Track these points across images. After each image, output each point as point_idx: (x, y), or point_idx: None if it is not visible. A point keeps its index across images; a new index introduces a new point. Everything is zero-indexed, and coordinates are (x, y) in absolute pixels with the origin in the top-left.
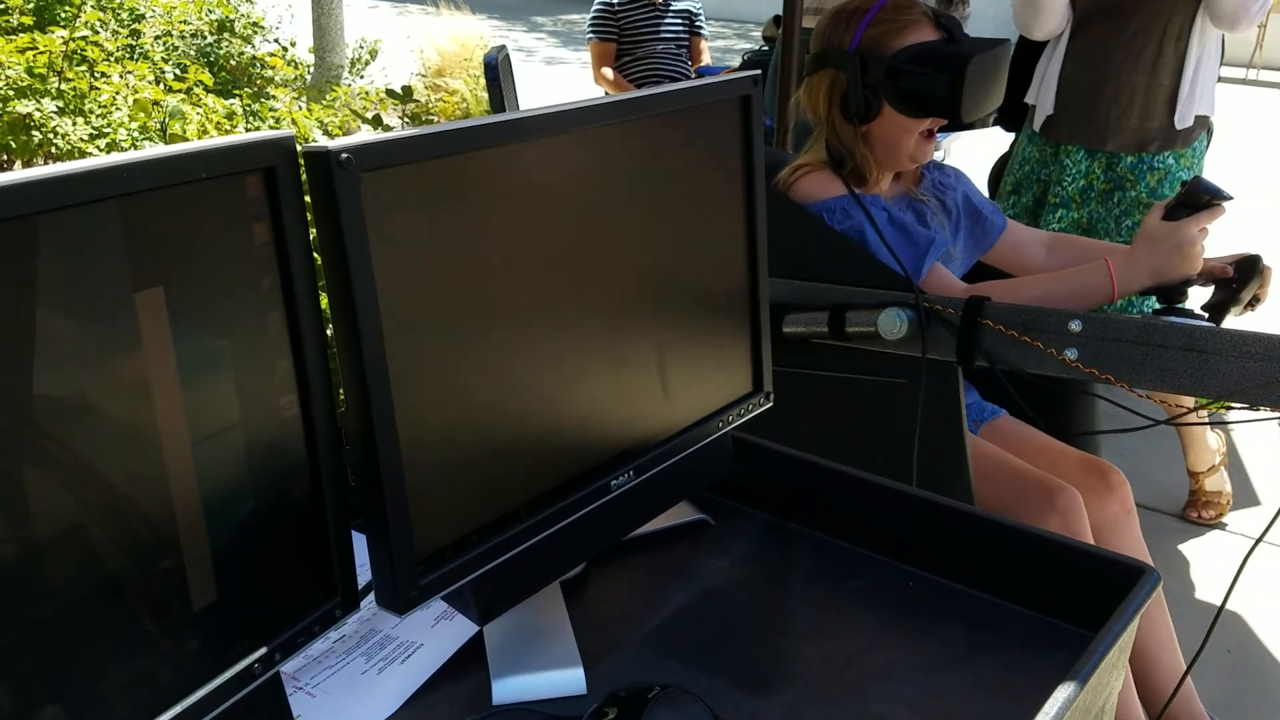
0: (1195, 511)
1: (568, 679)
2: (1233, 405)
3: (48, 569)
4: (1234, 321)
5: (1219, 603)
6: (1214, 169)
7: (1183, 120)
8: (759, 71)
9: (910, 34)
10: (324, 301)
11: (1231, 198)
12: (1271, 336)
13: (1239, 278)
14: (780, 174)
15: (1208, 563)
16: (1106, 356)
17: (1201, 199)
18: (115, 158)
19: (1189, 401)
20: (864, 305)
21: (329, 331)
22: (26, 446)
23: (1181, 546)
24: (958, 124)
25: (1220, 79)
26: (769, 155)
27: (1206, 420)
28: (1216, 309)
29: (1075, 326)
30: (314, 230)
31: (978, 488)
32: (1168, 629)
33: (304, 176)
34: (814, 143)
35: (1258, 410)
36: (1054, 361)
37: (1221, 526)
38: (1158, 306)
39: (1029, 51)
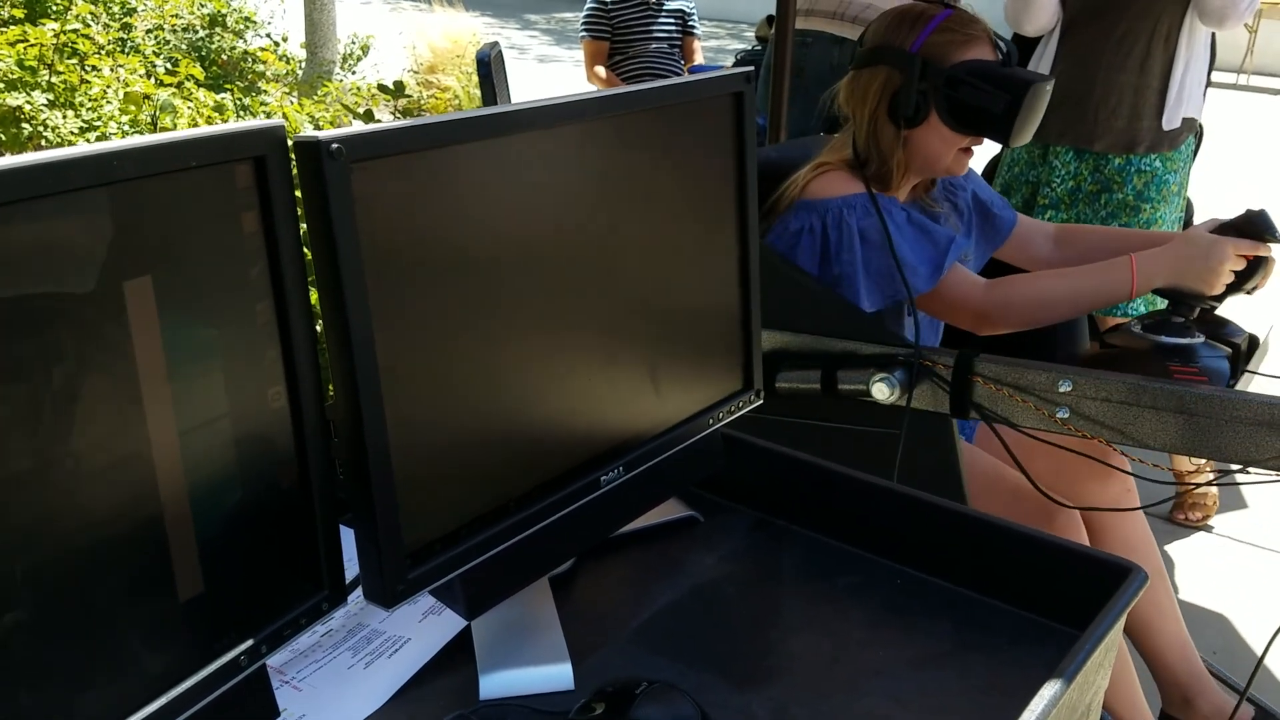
0: (1182, 513)
1: (556, 674)
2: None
3: (33, 558)
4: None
5: (1205, 603)
6: (1205, 173)
7: (1170, 122)
8: (752, 68)
9: (973, 49)
10: (313, 293)
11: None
12: (1262, 400)
13: (1244, 271)
14: (797, 174)
15: (1195, 564)
16: (1096, 416)
17: (1253, 230)
18: (105, 145)
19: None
20: (857, 363)
21: (318, 323)
22: (11, 434)
23: (1168, 548)
24: (1002, 142)
25: (1211, 84)
26: (776, 153)
27: (1205, 483)
28: (1218, 296)
29: (1065, 387)
30: (304, 220)
31: (974, 505)
32: (1173, 607)
33: (294, 167)
34: (839, 141)
35: (1248, 473)
36: (1046, 420)
37: (1208, 529)
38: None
39: (1019, 50)
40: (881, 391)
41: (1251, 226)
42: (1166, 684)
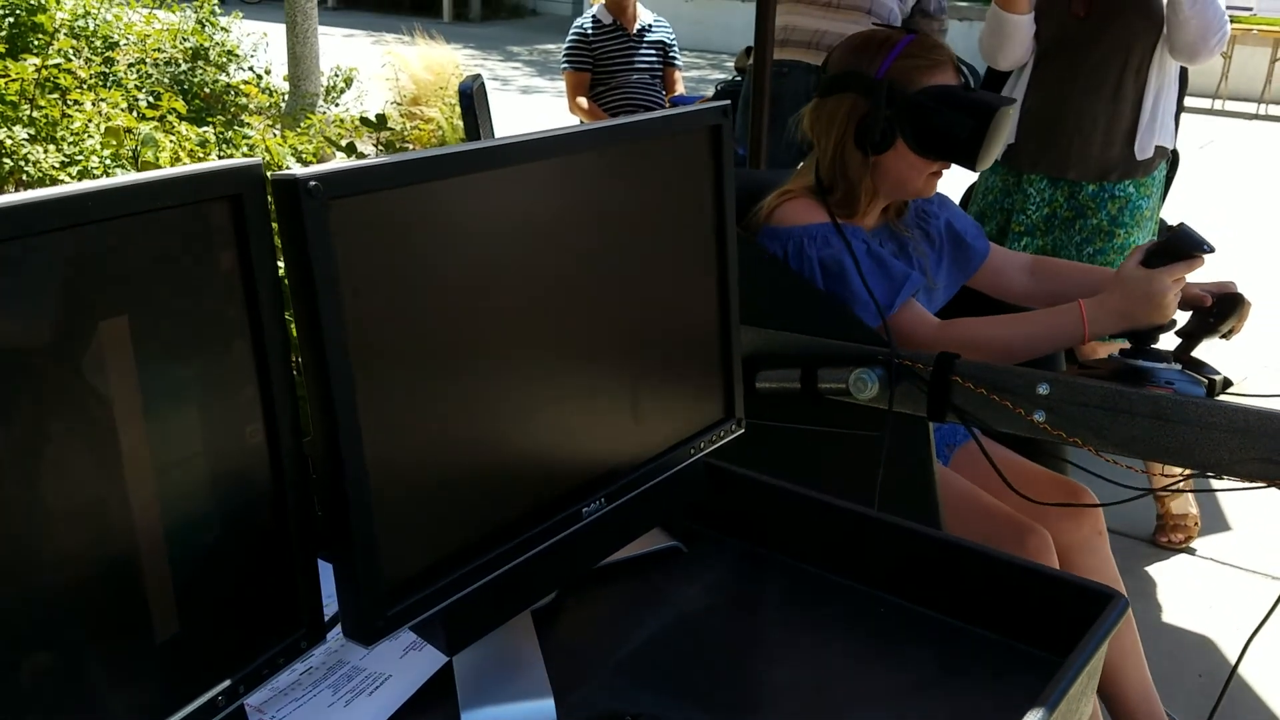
0: (1165, 536)
1: (538, 710)
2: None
3: (6, 599)
4: (1208, 354)
5: (1188, 626)
6: (1179, 197)
7: (1143, 150)
8: (729, 102)
9: (937, 74)
10: (292, 329)
11: (1213, 250)
12: (1236, 408)
13: (1218, 311)
14: (764, 200)
15: (1177, 587)
16: (1074, 420)
17: (1182, 249)
18: (79, 186)
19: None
20: (836, 362)
21: (296, 359)
22: None
23: (1150, 570)
24: (969, 167)
25: (1186, 109)
26: (749, 177)
27: (1179, 489)
28: (1190, 337)
29: (1044, 390)
30: (281, 257)
31: (949, 526)
32: (1137, 652)
33: (272, 204)
34: (804, 168)
35: (1222, 479)
36: (1023, 422)
37: (1191, 551)
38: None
39: (993, 83)
40: (860, 388)
41: (1178, 245)
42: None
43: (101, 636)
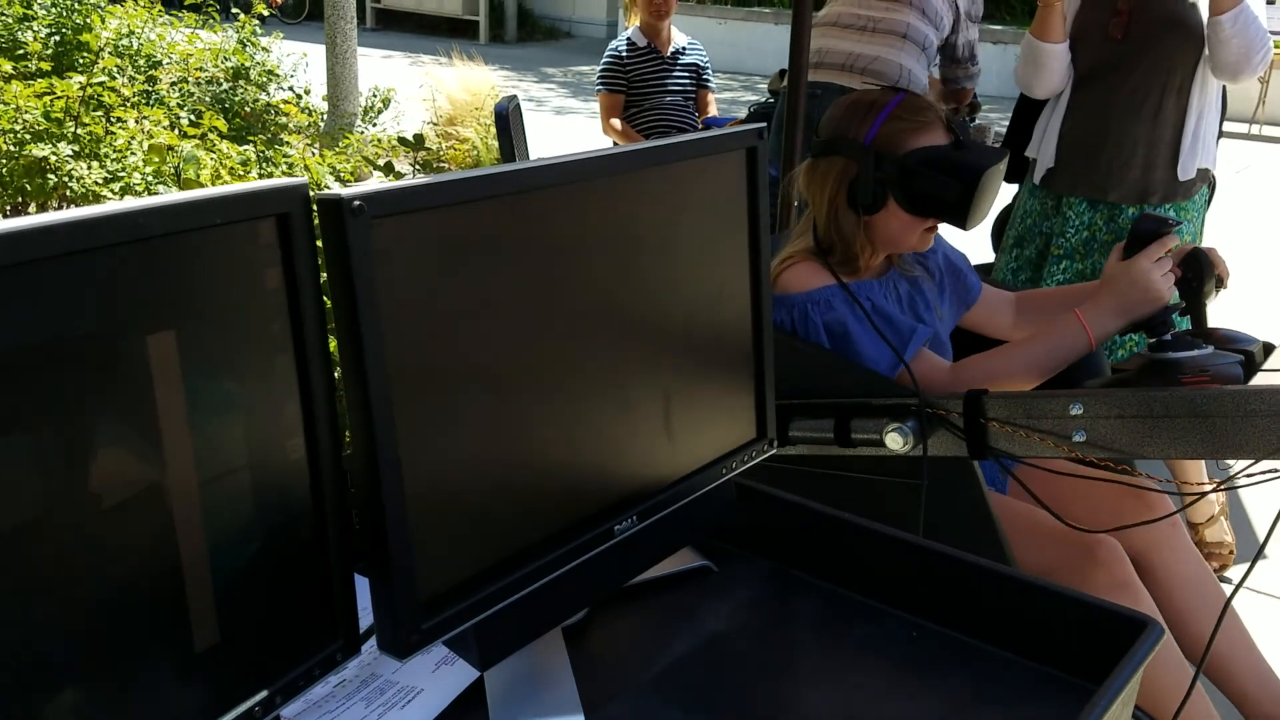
0: None
1: None
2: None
3: (52, 607)
4: (1218, 314)
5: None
6: (1214, 222)
7: (1185, 172)
8: (764, 124)
9: (925, 136)
10: (333, 345)
11: (1179, 222)
12: (1271, 389)
13: (1193, 274)
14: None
15: None
16: (1113, 435)
17: (1149, 232)
18: (134, 203)
19: (1193, 467)
20: (869, 413)
21: (337, 375)
22: (33, 483)
23: None
24: (960, 226)
25: (1224, 134)
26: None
27: (1220, 486)
28: (1192, 310)
29: (1076, 410)
30: (324, 274)
31: (1019, 557)
32: (1245, 644)
33: (316, 223)
34: (800, 231)
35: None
36: (1063, 448)
37: (1227, 580)
38: (1151, 341)
39: (1030, 106)
40: (895, 441)
41: (1144, 232)
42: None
43: (144, 645)
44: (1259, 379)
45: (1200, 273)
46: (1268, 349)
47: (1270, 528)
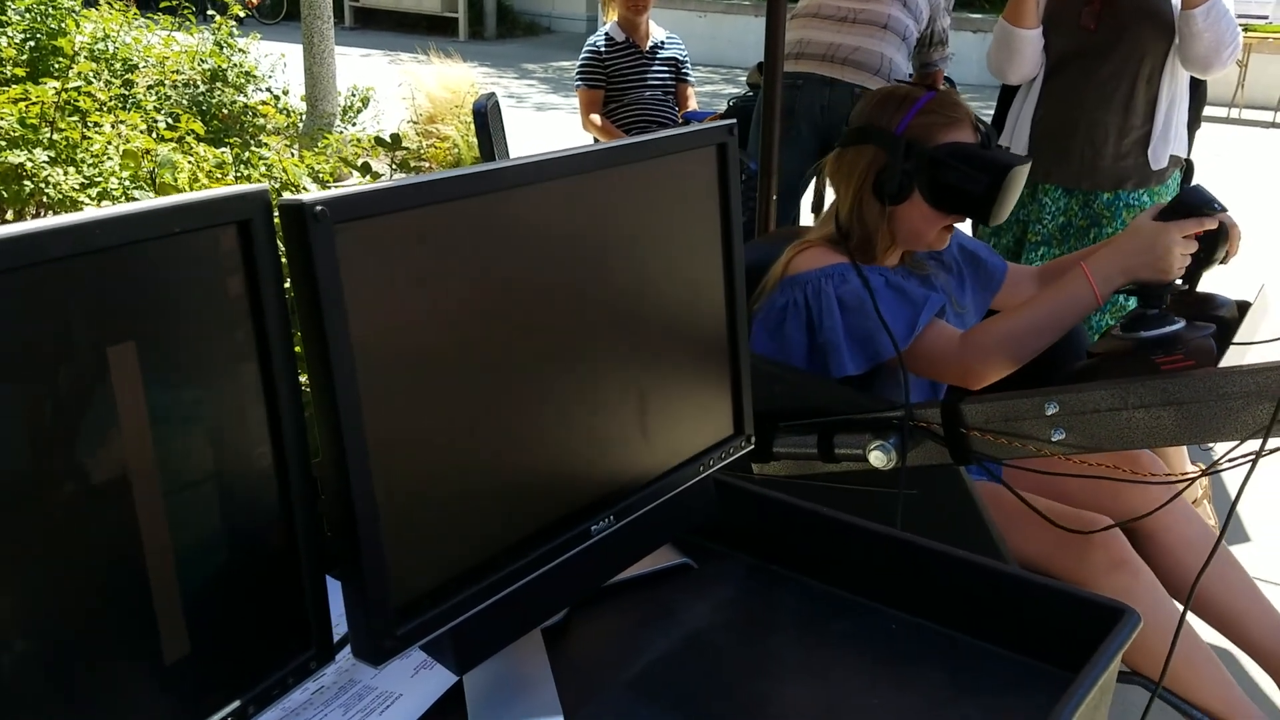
0: None
1: None
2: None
3: (16, 621)
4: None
5: (1210, 641)
6: None
7: (1157, 161)
8: (734, 120)
9: (955, 131)
10: (299, 349)
11: (1224, 209)
12: (1242, 370)
13: (1203, 243)
14: (783, 254)
15: None
16: (1090, 430)
17: (1194, 206)
18: (87, 214)
19: (1176, 455)
20: (852, 428)
21: (304, 380)
22: None
23: None
24: (983, 222)
25: (1204, 118)
26: (752, 249)
27: (1206, 470)
28: (1189, 279)
29: (1052, 409)
30: (289, 281)
31: (1014, 541)
32: (1250, 595)
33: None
34: (824, 218)
35: (1252, 446)
36: (1043, 449)
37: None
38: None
39: (1003, 96)
40: (879, 459)
41: (1189, 204)
42: (1275, 669)
43: (112, 657)
44: (1232, 352)
45: (1213, 243)
46: (1242, 309)
47: (1228, 514)
